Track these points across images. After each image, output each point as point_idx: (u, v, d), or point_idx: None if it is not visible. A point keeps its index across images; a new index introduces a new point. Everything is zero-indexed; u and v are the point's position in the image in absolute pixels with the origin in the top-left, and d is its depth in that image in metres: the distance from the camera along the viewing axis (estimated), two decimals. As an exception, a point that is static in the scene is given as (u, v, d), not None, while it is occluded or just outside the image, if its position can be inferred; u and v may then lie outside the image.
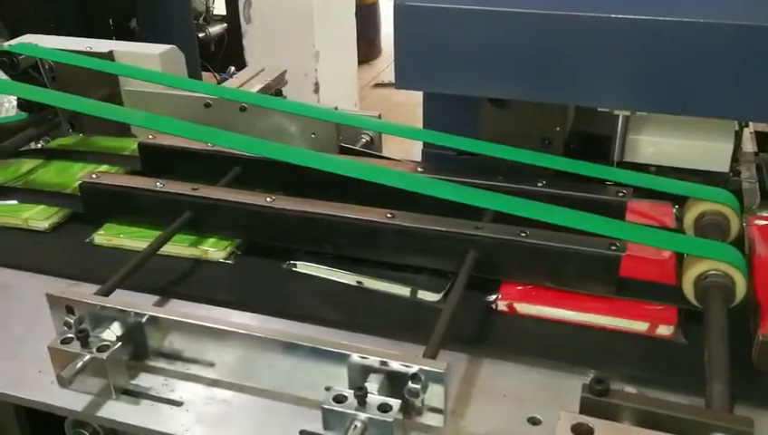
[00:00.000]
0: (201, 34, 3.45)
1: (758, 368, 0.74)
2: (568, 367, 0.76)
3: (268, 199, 0.92)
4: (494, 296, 0.85)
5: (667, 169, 1.05)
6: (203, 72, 3.13)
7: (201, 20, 3.54)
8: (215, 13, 3.67)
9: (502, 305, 0.84)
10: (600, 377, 0.63)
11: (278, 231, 0.92)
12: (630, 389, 0.70)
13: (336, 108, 1.20)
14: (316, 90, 3.30)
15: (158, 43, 1.25)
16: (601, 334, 0.81)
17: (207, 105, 1.13)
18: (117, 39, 1.88)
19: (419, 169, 1.00)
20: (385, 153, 1.18)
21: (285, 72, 1.28)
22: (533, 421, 0.70)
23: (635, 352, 0.79)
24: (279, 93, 1.21)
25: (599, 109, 1.01)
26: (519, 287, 0.85)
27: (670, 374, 0.74)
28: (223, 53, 3.55)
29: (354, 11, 3.52)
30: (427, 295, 0.86)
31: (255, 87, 1.18)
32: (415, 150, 1.14)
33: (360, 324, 0.82)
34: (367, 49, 4.24)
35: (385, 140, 1.19)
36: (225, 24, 3.60)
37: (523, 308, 0.83)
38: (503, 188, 0.94)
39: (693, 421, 0.60)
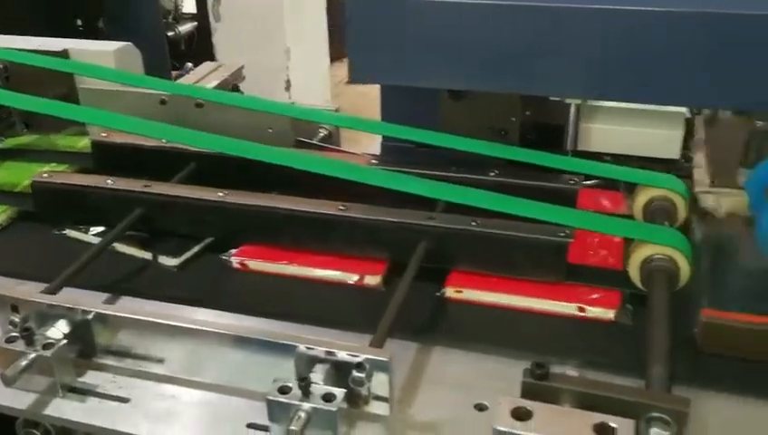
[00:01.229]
0: (170, 33, 3.42)
1: (702, 349, 0.75)
2: (518, 353, 0.76)
3: (220, 194, 0.92)
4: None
5: (621, 156, 1.06)
6: (173, 72, 3.10)
7: (170, 18, 3.51)
8: (184, 11, 3.64)
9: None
10: (540, 362, 0.63)
11: (231, 226, 0.92)
12: (572, 372, 0.71)
13: (293, 103, 1.20)
14: (288, 87, 3.29)
15: (127, 42, 1.24)
16: (552, 320, 0.81)
17: (163, 102, 1.12)
18: (85, 39, 1.87)
19: (373, 161, 1.01)
20: (358, 147, 1.18)
21: (242, 67, 1.27)
22: (480, 408, 0.70)
23: (584, 336, 0.79)
24: (236, 89, 1.21)
25: (550, 98, 1.02)
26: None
27: (617, 357, 0.75)
28: (193, 51, 3.52)
29: (326, 7, 3.51)
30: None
31: (212, 83, 1.18)
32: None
33: (309, 316, 0.82)
34: (340, 46, 4.23)
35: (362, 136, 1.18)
36: (195, 23, 3.57)
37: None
38: (455, 178, 0.95)
39: (631, 402, 0.61)
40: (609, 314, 0.80)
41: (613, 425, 0.59)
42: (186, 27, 3.57)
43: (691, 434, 0.64)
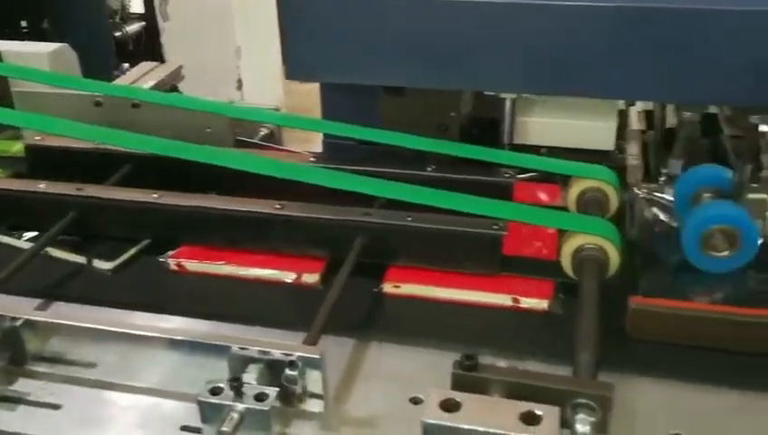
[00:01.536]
0: (118, 34, 3.36)
1: (631, 336, 0.77)
2: (454, 346, 0.77)
3: (154, 196, 0.91)
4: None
5: (557, 149, 1.08)
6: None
7: (117, 18, 3.45)
8: (131, 11, 3.58)
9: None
10: (469, 353, 0.64)
11: (166, 228, 0.91)
12: (502, 362, 0.72)
13: (232, 102, 1.19)
14: (239, 86, 3.26)
15: (72, 43, 1.22)
16: (488, 312, 0.83)
17: (98, 104, 1.11)
18: (30, 40, 1.83)
19: (312, 159, 1.00)
20: (309, 144, 1.17)
21: (181, 67, 1.26)
22: (415, 401, 0.71)
23: (519, 326, 0.81)
24: (174, 89, 1.20)
25: (485, 93, 1.04)
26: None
27: (549, 346, 0.76)
28: (141, 51, 3.47)
29: (276, 5, 3.48)
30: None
31: (149, 83, 1.17)
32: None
33: (247, 316, 0.82)
34: (293, 44, 4.20)
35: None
36: (143, 23, 3.51)
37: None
38: (394, 174, 0.95)
39: (557, 390, 0.62)
40: (543, 305, 0.81)
41: (539, 413, 0.60)
42: (133, 27, 3.51)
43: (618, 418, 0.65)
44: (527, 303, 0.82)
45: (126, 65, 1.21)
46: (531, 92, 1.01)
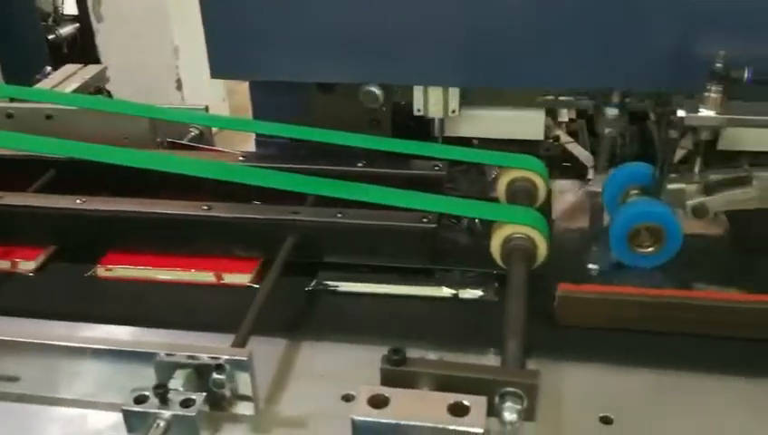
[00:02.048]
0: (51, 36, 3.27)
1: (560, 322, 0.78)
2: (388, 340, 0.77)
3: (78, 202, 0.88)
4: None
5: (489, 140, 1.09)
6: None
7: (50, 21, 3.35)
8: (65, 12, 3.48)
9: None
10: (396, 347, 0.64)
11: (91, 234, 0.89)
12: (432, 355, 0.72)
13: (172, 105, 1.16)
14: (179, 87, 3.20)
15: (4, 46, 1.17)
16: (426, 303, 0.83)
17: (9, 115, 1.07)
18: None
19: (241, 158, 0.99)
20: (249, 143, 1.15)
21: (106, 68, 1.23)
22: (347, 398, 0.70)
23: (454, 316, 0.81)
24: (99, 91, 1.17)
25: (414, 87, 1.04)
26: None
27: (483, 335, 0.77)
28: (76, 53, 3.37)
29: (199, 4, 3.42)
30: (236, 278, 0.86)
31: (71, 86, 1.13)
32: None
33: (177, 321, 0.80)
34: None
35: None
36: (77, 24, 3.42)
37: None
38: (324, 171, 0.94)
39: (484, 380, 0.62)
40: (245, 280, 0.85)
41: (467, 404, 0.60)
42: (67, 29, 3.41)
43: (549, 404, 0.66)
44: (230, 278, 0.85)
45: (48, 69, 1.16)
46: (460, 85, 1.01)
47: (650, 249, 0.85)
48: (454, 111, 1.02)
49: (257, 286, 0.83)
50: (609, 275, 0.86)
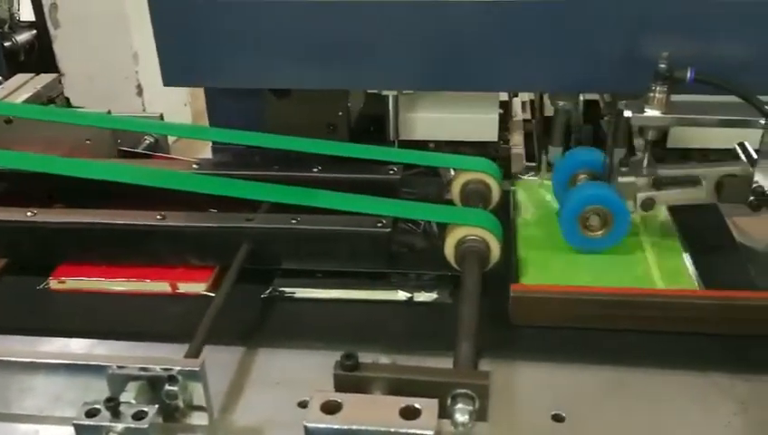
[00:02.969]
0: (7, 43, 3.22)
1: (514, 322, 0.79)
2: (345, 345, 0.77)
3: (29, 214, 0.87)
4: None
5: (444, 142, 1.10)
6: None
7: (6, 28, 3.30)
8: (21, 19, 3.42)
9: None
10: (349, 353, 0.64)
11: (44, 246, 0.88)
12: (385, 359, 0.73)
13: (129, 113, 1.15)
14: (139, 93, 3.17)
15: None
16: (371, 308, 0.83)
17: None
18: None
19: (195, 166, 0.99)
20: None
21: (59, 77, 1.22)
22: (303, 405, 0.70)
23: (403, 321, 0.81)
24: (52, 101, 1.15)
25: (367, 91, 1.04)
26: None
27: (439, 337, 0.77)
28: (34, 61, 3.32)
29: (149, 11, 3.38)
30: (191, 287, 0.85)
31: (22, 97, 1.12)
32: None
33: (132, 332, 0.80)
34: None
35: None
36: (35, 31, 3.37)
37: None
38: (279, 177, 0.94)
39: (436, 382, 0.63)
40: (200, 288, 0.85)
41: (418, 406, 0.60)
42: (24, 36, 3.36)
43: (502, 403, 0.67)
44: (186, 287, 0.85)
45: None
46: (414, 89, 1.02)
47: (599, 233, 0.86)
48: None
49: (213, 295, 0.82)
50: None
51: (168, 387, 0.66)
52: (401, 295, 0.83)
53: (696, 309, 0.76)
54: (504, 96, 1.17)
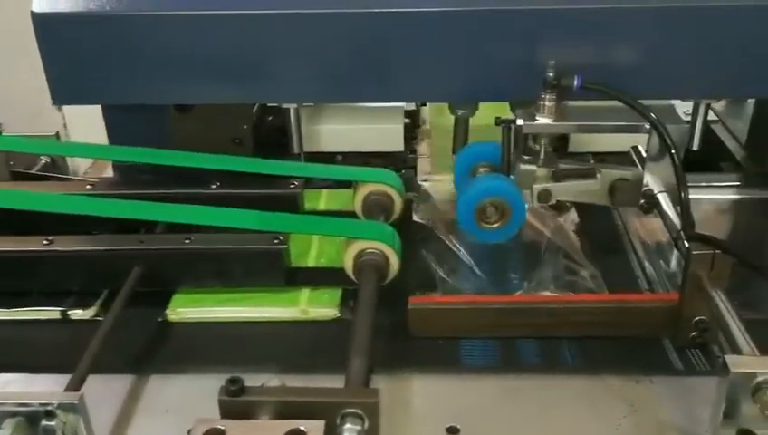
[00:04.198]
0: None
1: (413, 334, 0.78)
2: (235, 368, 0.75)
3: None
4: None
5: (351, 154, 1.09)
6: None
7: None
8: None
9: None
10: (234, 377, 0.62)
11: None
12: (275, 381, 0.71)
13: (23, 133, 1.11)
14: (60, 108, 3.08)
15: None
16: (267, 327, 0.81)
17: None
18: None
19: (88, 186, 0.95)
20: None
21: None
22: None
23: (309, 338, 0.80)
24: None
25: (268, 104, 1.02)
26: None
27: (332, 355, 0.76)
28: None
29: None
30: (84, 313, 0.82)
31: None
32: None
33: (12, 364, 0.76)
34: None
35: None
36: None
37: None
38: (177, 195, 0.92)
39: (324, 403, 0.62)
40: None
41: (303, 429, 0.59)
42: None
43: (397, 418, 0.67)
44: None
45: None
46: (314, 101, 1.01)
47: (496, 225, 0.86)
48: None
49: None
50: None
51: (44, 422, 0.63)
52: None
53: (587, 313, 0.76)
54: (411, 105, 1.17)
